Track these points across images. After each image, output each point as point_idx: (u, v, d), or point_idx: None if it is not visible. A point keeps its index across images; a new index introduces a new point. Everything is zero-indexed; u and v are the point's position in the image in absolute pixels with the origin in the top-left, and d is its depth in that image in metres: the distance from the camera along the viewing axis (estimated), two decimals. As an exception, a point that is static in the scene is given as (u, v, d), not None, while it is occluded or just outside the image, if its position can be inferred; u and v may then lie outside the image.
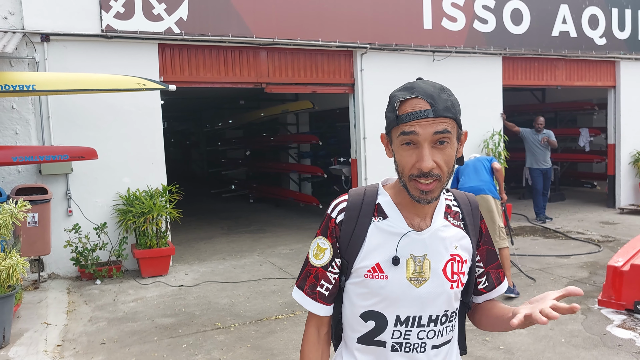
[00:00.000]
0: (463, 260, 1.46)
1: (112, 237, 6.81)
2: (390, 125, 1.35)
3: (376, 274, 1.39)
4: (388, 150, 1.42)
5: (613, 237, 8.19)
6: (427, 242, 1.41)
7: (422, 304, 1.40)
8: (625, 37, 10.61)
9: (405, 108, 1.31)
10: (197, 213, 11.76)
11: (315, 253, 1.46)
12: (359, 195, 1.47)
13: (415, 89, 1.32)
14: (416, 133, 1.28)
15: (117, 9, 6.76)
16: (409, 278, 1.39)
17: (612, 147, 11.05)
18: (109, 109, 6.87)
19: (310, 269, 1.47)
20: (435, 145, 1.30)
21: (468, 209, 1.53)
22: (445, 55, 8.96)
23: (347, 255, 1.43)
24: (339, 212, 1.46)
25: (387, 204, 1.44)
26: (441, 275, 1.41)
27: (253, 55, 7.78)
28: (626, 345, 4.22)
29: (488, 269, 1.58)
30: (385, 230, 1.41)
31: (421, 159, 1.29)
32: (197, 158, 21.66)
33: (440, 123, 1.29)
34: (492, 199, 5.73)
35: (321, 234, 1.47)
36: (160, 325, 5.00)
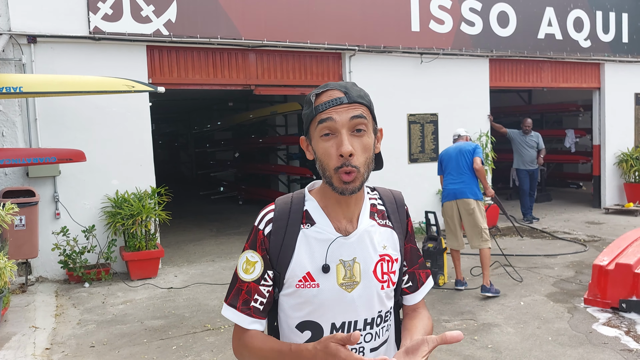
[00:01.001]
0: (393, 259, 1.47)
1: (100, 240, 6.78)
2: (308, 119, 1.37)
3: (307, 283, 1.38)
4: (308, 152, 1.42)
5: (598, 237, 8.31)
6: (355, 245, 1.41)
7: (356, 308, 1.40)
8: (610, 39, 10.76)
9: (321, 99, 1.36)
10: (186, 215, 11.72)
11: (245, 267, 1.42)
12: (286, 203, 1.45)
13: (329, 84, 1.39)
14: (333, 119, 1.31)
15: (105, 10, 6.74)
16: (340, 284, 1.38)
17: (597, 148, 11.20)
18: (97, 110, 6.84)
19: (241, 284, 1.42)
20: (353, 133, 1.33)
21: (393, 207, 1.53)
22: (433, 57, 9.03)
23: (279, 267, 1.40)
24: (266, 223, 1.43)
25: (314, 209, 1.43)
26: (372, 277, 1.41)
27: (242, 57, 7.79)
28: (612, 343, 4.29)
29: (412, 269, 1.56)
30: (314, 237, 1.40)
31: (341, 144, 1.31)
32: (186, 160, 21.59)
33: (354, 112, 1.33)
34: (474, 202, 5.70)
35: (249, 247, 1.43)
36: (150, 327, 4.99)
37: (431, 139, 9.24)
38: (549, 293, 5.66)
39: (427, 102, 9.16)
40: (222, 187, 14.83)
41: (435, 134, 9.26)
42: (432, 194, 9.11)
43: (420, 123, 9.15)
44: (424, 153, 9.19)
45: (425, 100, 9.14)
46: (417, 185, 9.00)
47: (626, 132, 11.28)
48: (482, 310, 5.22)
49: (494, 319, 4.95)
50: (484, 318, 4.99)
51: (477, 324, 4.86)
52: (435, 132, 9.26)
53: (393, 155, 8.86)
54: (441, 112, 9.27)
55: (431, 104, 9.20)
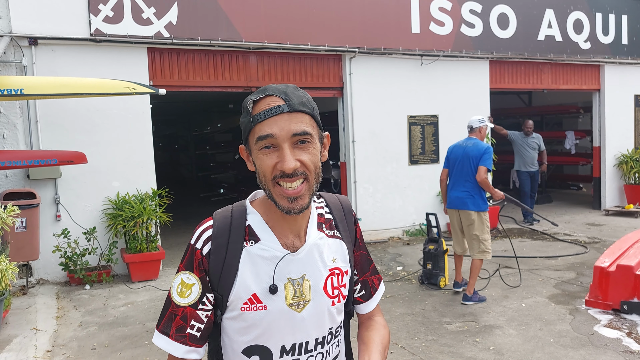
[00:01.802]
0: (343, 272, 1.39)
1: (101, 242, 6.77)
2: (246, 130, 1.25)
3: (254, 305, 1.27)
4: (249, 162, 1.31)
5: (599, 239, 8.31)
6: (304, 261, 1.31)
7: (307, 328, 1.31)
8: (609, 41, 10.78)
9: (260, 107, 1.23)
10: (187, 217, 11.71)
11: (181, 291, 1.28)
12: (226, 218, 1.32)
13: (267, 89, 1.25)
14: (273, 135, 1.20)
15: (106, 12, 6.75)
16: (289, 304, 1.29)
17: (597, 150, 11.21)
18: (98, 113, 6.84)
19: (175, 309, 1.28)
20: (297, 145, 1.22)
21: (341, 214, 1.44)
22: (433, 59, 9.04)
23: (220, 289, 1.28)
24: (204, 241, 1.29)
25: (257, 224, 1.31)
26: (322, 294, 1.33)
27: (242, 59, 7.80)
28: (613, 345, 4.29)
29: (364, 277, 1.50)
30: (259, 255, 1.28)
31: (283, 160, 1.20)
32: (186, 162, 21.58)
33: (297, 122, 1.21)
34: (474, 213, 5.48)
35: (185, 268, 1.29)
36: (151, 329, 4.98)
37: (431, 140, 9.24)
38: (551, 295, 5.65)
39: (427, 103, 9.17)
40: (222, 189, 14.82)
41: (436, 136, 9.27)
42: (433, 195, 9.11)
43: (420, 125, 9.16)
44: (424, 155, 9.19)
45: (425, 102, 9.15)
46: (417, 187, 9.00)
47: (626, 134, 11.29)
48: (483, 312, 5.21)
49: (495, 321, 4.95)
50: (486, 320, 4.99)
51: (478, 325, 4.86)
52: (436, 134, 9.27)
53: (394, 157, 8.86)
54: (441, 114, 9.28)
55: (431, 105, 9.21)
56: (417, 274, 6.55)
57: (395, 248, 8.06)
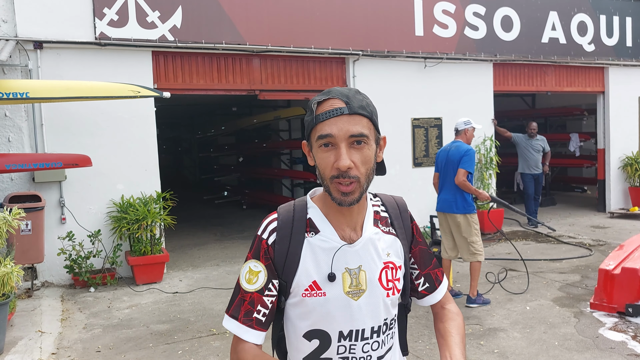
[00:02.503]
0: (397, 266, 1.47)
1: (106, 245, 6.79)
2: (309, 128, 1.37)
3: (314, 291, 1.37)
4: (310, 157, 1.42)
5: (604, 241, 8.28)
6: (361, 253, 1.41)
7: (362, 316, 1.40)
8: (613, 43, 10.76)
9: (323, 108, 1.34)
10: (190, 219, 11.74)
11: (248, 278, 1.40)
12: (289, 212, 1.44)
13: (331, 91, 1.36)
14: (332, 135, 1.30)
15: (111, 16, 6.78)
16: (346, 292, 1.38)
17: (601, 152, 11.18)
18: (102, 116, 6.87)
19: (244, 295, 1.39)
20: (353, 146, 1.32)
21: (396, 212, 1.53)
22: (437, 62, 9.04)
23: (285, 276, 1.39)
24: (270, 232, 1.42)
25: (317, 217, 1.43)
26: (377, 284, 1.42)
27: (246, 63, 7.82)
28: (618, 348, 4.27)
29: (426, 271, 1.58)
30: (319, 245, 1.39)
31: (338, 158, 1.30)
32: (190, 164, 21.63)
33: (355, 123, 1.31)
34: (460, 216, 5.48)
35: (252, 257, 1.41)
36: (156, 331, 5.00)
37: (435, 143, 9.24)
38: (555, 297, 5.64)
39: (431, 106, 9.17)
40: (225, 192, 14.84)
41: (440, 138, 9.27)
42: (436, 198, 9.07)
43: (424, 127, 9.16)
44: (428, 157, 9.19)
45: (429, 105, 9.15)
46: (421, 190, 8.99)
47: (631, 136, 11.26)
48: (488, 315, 5.20)
49: (500, 324, 4.94)
50: (490, 323, 4.98)
51: (483, 328, 4.85)
52: (440, 136, 9.27)
53: (397, 160, 8.86)
54: (445, 117, 9.28)
55: (435, 108, 9.21)
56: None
57: (399, 251, 8.04)
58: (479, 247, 5.51)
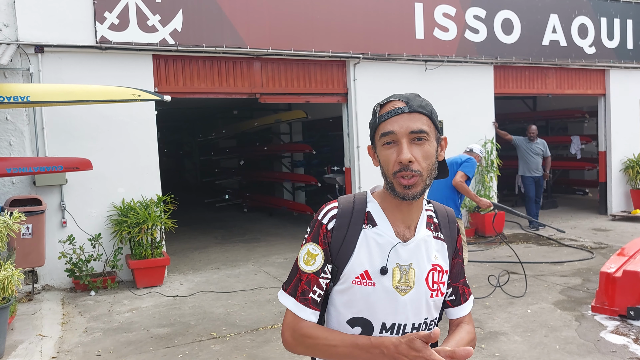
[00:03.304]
0: (443, 270, 1.53)
1: (106, 248, 6.80)
2: (373, 129, 1.46)
3: (364, 280, 1.43)
4: (375, 160, 1.49)
5: (605, 244, 8.26)
6: (413, 251, 1.47)
7: (406, 312, 1.45)
8: (614, 46, 10.75)
9: (385, 109, 1.44)
10: (191, 223, 11.74)
11: (306, 259, 1.47)
12: (349, 202, 1.51)
13: (393, 95, 1.47)
14: (394, 132, 1.39)
15: (112, 20, 6.80)
16: (394, 286, 1.44)
17: (603, 155, 11.16)
18: (103, 119, 6.88)
19: (301, 275, 1.47)
20: (414, 142, 1.39)
21: (445, 221, 1.59)
22: (437, 65, 9.05)
23: (338, 262, 1.45)
24: (330, 218, 1.48)
25: (376, 211, 1.49)
26: (424, 284, 1.47)
27: (247, 66, 7.83)
28: (620, 351, 4.25)
29: (456, 284, 1.62)
30: (375, 239, 1.46)
31: (400, 152, 1.38)
32: (191, 167, 21.64)
33: (415, 120, 1.40)
34: None
35: (312, 240, 1.48)
36: (156, 335, 4.99)
37: (436, 146, 9.22)
38: (556, 301, 5.63)
39: (431, 109, 9.14)
40: (227, 195, 14.84)
41: (440, 141, 9.25)
42: (438, 201, 9.08)
43: (425, 130, 9.13)
44: (429, 160, 9.17)
45: (430, 108, 9.12)
46: (422, 193, 8.97)
47: (632, 138, 11.24)
48: (489, 318, 5.19)
49: (500, 327, 4.92)
50: (491, 326, 4.97)
51: (483, 332, 4.83)
52: (440, 139, 9.25)
53: (398, 163, 8.84)
54: (446, 119, 9.27)
55: (436, 110, 9.15)
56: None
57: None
58: (464, 251, 5.51)
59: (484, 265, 7.24)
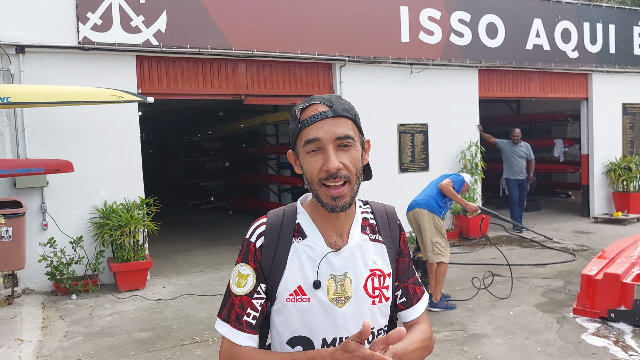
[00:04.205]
0: (385, 274, 1.45)
1: (88, 251, 6.71)
2: (294, 135, 1.37)
3: (299, 297, 1.37)
4: (297, 166, 1.41)
5: (587, 246, 8.35)
6: (346, 259, 1.40)
7: (347, 324, 1.38)
8: (597, 50, 10.89)
9: (306, 113, 1.35)
10: (175, 225, 11.65)
11: (237, 281, 1.40)
12: (278, 216, 1.45)
13: (313, 98, 1.38)
14: (319, 139, 1.31)
15: (95, 21, 6.73)
16: (330, 299, 1.37)
17: (585, 158, 11.29)
18: (86, 121, 6.81)
19: (234, 298, 1.40)
20: (340, 148, 1.33)
21: (384, 221, 1.52)
22: (423, 68, 9.09)
23: (271, 280, 1.39)
24: (258, 236, 1.43)
25: (305, 222, 1.43)
26: (362, 292, 1.40)
27: (232, 67, 7.80)
28: (600, 354, 4.29)
29: (406, 284, 1.55)
30: (305, 251, 1.39)
31: (327, 160, 1.31)
32: (175, 169, 21.50)
33: (340, 125, 1.32)
34: (426, 213, 5.59)
35: (242, 260, 1.42)
36: (138, 339, 4.94)
37: (421, 148, 9.27)
38: (538, 303, 5.67)
39: (417, 112, 9.21)
40: (212, 197, 14.76)
41: (425, 144, 9.30)
42: (422, 203, 9.12)
43: (410, 133, 9.19)
44: (414, 163, 9.22)
45: (415, 111, 9.19)
46: (407, 195, 8.94)
47: (614, 142, 11.39)
48: (471, 320, 5.21)
49: (482, 330, 4.95)
50: (473, 329, 4.99)
51: (466, 334, 4.85)
52: (425, 142, 9.30)
53: (384, 165, 8.88)
54: (431, 122, 9.32)
55: (421, 114, 9.25)
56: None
57: (385, 256, 8.04)
58: (444, 249, 5.57)
59: (468, 268, 7.28)
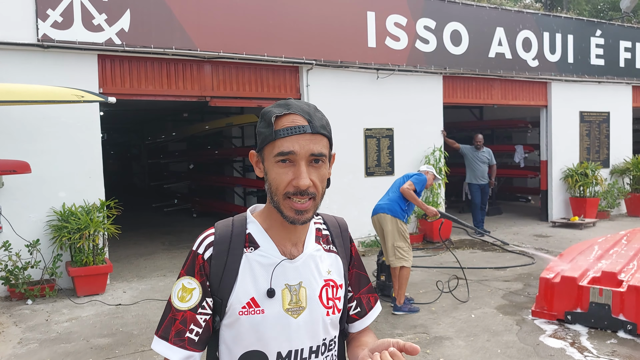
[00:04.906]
0: (338, 285, 1.43)
1: (45, 255, 6.50)
2: (266, 141, 1.30)
3: (252, 309, 1.31)
4: (258, 169, 1.36)
5: (546, 250, 8.57)
6: (301, 269, 1.36)
7: (301, 335, 1.35)
8: (556, 59, 11.23)
9: (283, 123, 1.28)
10: (137, 228, 11.42)
11: (181, 295, 1.32)
12: (227, 226, 1.39)
13: (291, 105, 1.31)
14: (294, 153, 1.26)
15: (55, 18, 6.54)
16: (285, 309, 1.33)
17: (544, 164, 11.62)
18: (44, 121, 6.60)
19: (175, 314, 1.31)
20: (312, 164, 1.28)
21: (337, 231, 1.50)
22: (389, 73, 9.18)
23: (220, 293, 1.32)
24: (206, 247, 1.35)
25: (257, 232, 1.37)
26: (317, 302, 1.37)
27: (197, 69, 7.70)
28: (557, 355, 4.41)
29: (359, 294, 1.53)
30: (258, 261, 1.34)
31: (299, 177, 1.26)
32: (139, 171, 21.09)
33: (316, 142, 1.28)
34: (389, 218, 5.65)
35: (186, 273, 1.34)
36: (96, 345, 4.81)
37: (387, 153, 9.36)
38: (499, 305, 5.79)
39: (383, 116, 9.29)
40: (176, 200, 14.53)
41: (391, 148, 9.39)
42: (387, 207, 9.19)
43: (376, 137, 9.26)
44: (380, 167, 9.30)
45: (381, 115, 9.27)
46: (373, 198, 8.99)
47: (572, 148, 11.75)
48: (434, 323, 5.28)
49: (445, 332, 5.02)
50: (436, 331, 5.05)
51: (429, 337, 4.91)
52: (391, 147, 9.39)
53: (350, 169, 8.92)
54: (397, 127, 9.42)
55: (387, 118, 9.34)
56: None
57: (350, 260, 8.07)
58: (406, 253, 5.61)
59: (431, 271, 7.37)
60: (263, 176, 1.35)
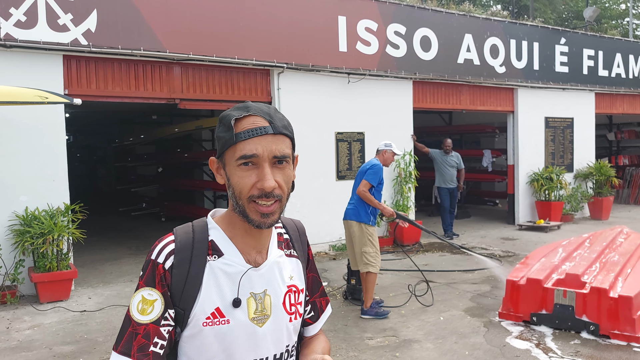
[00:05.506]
0: (299, 290, 1.42)
1: (6, 260, 6.30)
2: (226, 145, 1.26)
3: (216, 319, 1.27)
4: (219, 175, 1.32)
5: (512, 252, 8.74)
6: (266, 277, 1.34)
7: (267, 343, 1.33)
8: (522, 66, 11.48)
9: (243, 125, 1.24)
10: (103, 232, 11.18)
11: (142, 308, 1.24)
12: (187, 233, 1.32)
13: (250, 107, 1.27)
14: (257, 155, 1.22)
15: (18, 17, 6.36)
16: (251, 318, 1.30)
17: (511, 168, 11.85)
18: (5, 122, 6.41)
19: (136, 328, 1.24)
20: (275, 165, 1.26)
21: (296, 235, 1.49)
22: (360, 78, 9.23)
23: (183, 303, 1.26)
24: (167, 256, 1.28)
25: (220, 239, 1.32)
26: (281, 309, 1.36)
27: (166, 70, 7.60)
28: (523, 356, 4.49)
29: (313, 298, 1.53)
30: (222, 269, 1.29)
31: (263, 179, 1.23)
32: (105, 174, 20.66)
33: (279, 143, 1.25)
34: (355, 224, 5.67)
35: (146, 284, 1.26)
36: (59, 353, 4.67)
37: (358, 156, 9.40)
38: (467, 308, 5.86)
39: (354, 121, 9.33)
40: (144, 204, 14.28)
41: (362, 152, 9.44)
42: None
43: (347, 141, 9.30)
44: (351, 170, 9.33)
45: (352, 119, 9.31)
46: (344, 202, 8.95)
47: (537, 153, 12.02)
48: (403, 326, 5.31)
49: (414, 335, 5.05)
50: (405, 334, 5.08)
51: (398, 340, 4.93)
52: (362, 150, 9.44)
53: (321, 173, 8.92)
54: (367, 131, 9.47)
55: (358, 122, 9.38)
56: (341, 289, 6.58)
57: (322, 263, 8.08)
58: (372, 258, 5.60)
59: (401, 274, 7.42)
60: (224, 183, 1.30)
